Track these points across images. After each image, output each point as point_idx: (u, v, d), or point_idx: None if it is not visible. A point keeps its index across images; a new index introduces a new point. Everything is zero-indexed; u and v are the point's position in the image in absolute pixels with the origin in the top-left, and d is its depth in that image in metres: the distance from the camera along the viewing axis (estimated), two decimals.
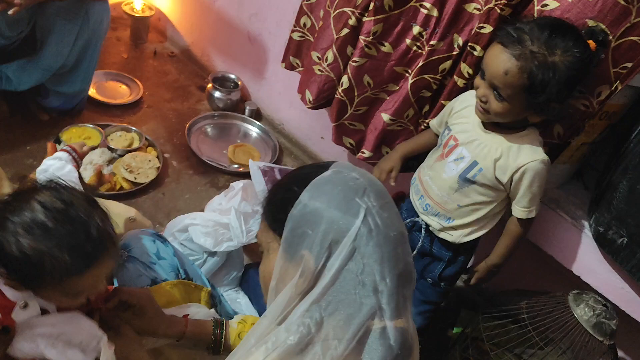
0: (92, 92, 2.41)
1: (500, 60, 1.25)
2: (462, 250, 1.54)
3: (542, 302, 1.55)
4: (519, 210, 1.41)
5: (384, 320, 0.77)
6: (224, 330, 1.21)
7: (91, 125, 2.22)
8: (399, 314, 0.79)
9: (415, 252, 1.55)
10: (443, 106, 1.59)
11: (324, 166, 0.87)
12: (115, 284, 1.36)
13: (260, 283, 0.92)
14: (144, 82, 2.64)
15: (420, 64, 1.59)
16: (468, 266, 1.63)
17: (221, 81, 2.65)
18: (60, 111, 2.22)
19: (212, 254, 1.80)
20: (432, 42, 1.56)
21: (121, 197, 2.04)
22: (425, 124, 1.72)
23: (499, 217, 1.49)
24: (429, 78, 1.61)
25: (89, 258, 0.94)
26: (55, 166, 1.33)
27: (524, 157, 1.34)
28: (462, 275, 1.63)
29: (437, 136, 1.59)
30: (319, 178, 0.83)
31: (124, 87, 2.60)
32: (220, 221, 1.78)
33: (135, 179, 2.12)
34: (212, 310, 1.46)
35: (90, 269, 0.95)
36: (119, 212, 1.71)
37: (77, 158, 1.40)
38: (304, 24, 1.87)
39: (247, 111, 2.62)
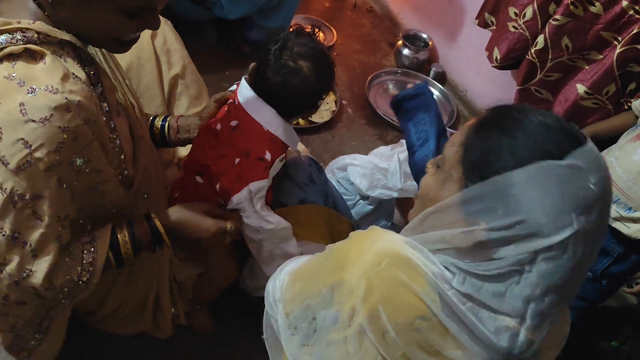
0: None
1: None
2: (638, 248, 1.33)
3: None
4: None
5: (520, 327, 0.71)
6: None
7: None
8: (539, 329, 0.72)
9: None
10: None
11: (562, 133, 0.70)
12: None
13: (420, 191, 0.85)
14: (338, 32, 2.73)
15: (634, 31, 1.38)
16: None
17: (412, 39, 2.62)
18: (259, 45, 2.41)
19: (365, 198, 1.82)
20: None
21: (295, 131, 2.15)
22: (627, 105, 1.50)
23: None
24: None
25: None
26: None
27: None
28: (631, 278, 1.41)
29: (637, 119, 1.38)
30: (548, 165, 0.67)
31: (320, 33, 2.72)
32: (379, 165, 1.77)
33: (310, 117, 2.22)
34: None
35: None
36: None
37: None
38: None
39: (432, 73, 2.56)
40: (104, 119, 0.98)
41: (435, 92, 2.52)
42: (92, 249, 0.98)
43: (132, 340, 1.38)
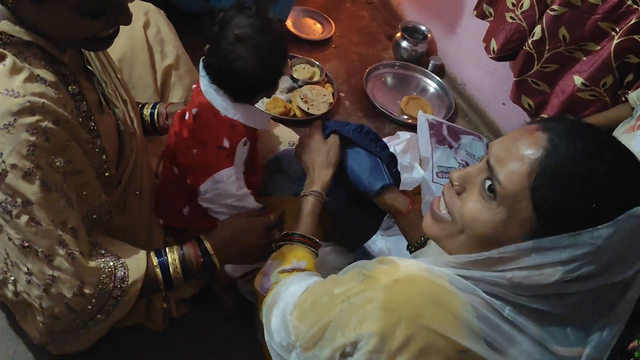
0: (288, 24, 2.55)
1: None
2: None
3: None
4: None
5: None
6: None
7: None
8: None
9: None
10: None
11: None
12: None
13: (468, 224, 0.74)
14: (337, 24, 2.71)
15: (632, 21, 1.36)
16: None
17: (410, 31, 2.60)
18: None
19: None
20: None
21: (292, 123, 2.14)
22: (624, 97, 1.49)
23: None
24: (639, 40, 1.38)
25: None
26: None
27: None
28: None
29: (634, 110, 1.36)
30: (633, 214, 0.63)
31: (318, 25, 2.71)
32: None
33: (308, 109, 2.20)
34: None
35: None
36: (283, 134, 1.81)
37: None
38: None
39: (430, 65, 2.54)
40: (80, 119, 0.96)
41: (434, 85, 2.51)
42: (122, 267, 0.97)
43: (126, 334, 1.37)
